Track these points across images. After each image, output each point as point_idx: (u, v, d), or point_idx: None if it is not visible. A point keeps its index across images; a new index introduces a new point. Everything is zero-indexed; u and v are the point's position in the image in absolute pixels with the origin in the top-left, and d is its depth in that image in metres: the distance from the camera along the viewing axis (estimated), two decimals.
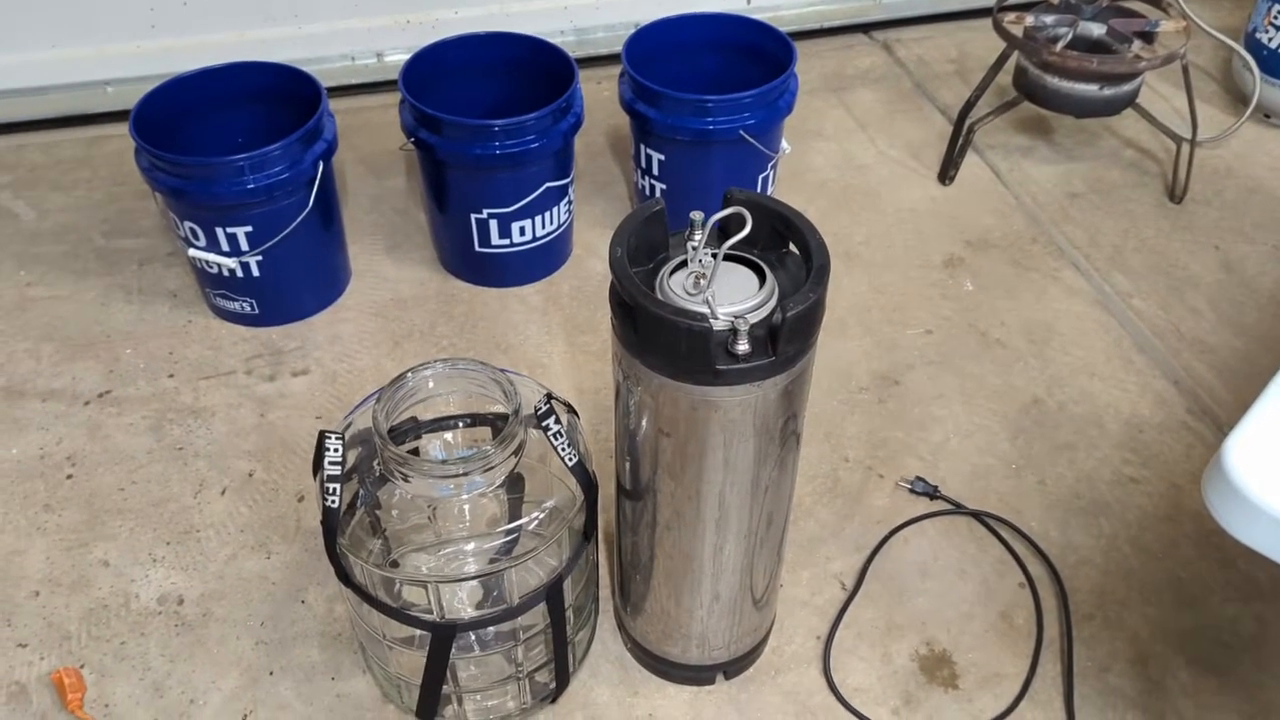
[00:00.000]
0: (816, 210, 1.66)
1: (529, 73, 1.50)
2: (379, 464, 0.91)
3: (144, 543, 1.17)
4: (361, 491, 0.93)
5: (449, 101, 1.39)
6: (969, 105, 1.68)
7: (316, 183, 1.34)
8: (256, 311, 1.42)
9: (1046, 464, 1.28)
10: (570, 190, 1.50)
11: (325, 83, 1.41)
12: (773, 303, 0.80)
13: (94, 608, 1.11)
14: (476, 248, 1.47)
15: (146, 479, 1.24)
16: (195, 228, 1.33)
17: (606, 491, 1.00)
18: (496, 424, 0.99)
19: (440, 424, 0.99)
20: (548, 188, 1.43)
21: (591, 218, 1.64)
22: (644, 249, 0.84)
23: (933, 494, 1.23)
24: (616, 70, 1.51)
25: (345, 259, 1.52)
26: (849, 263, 1.56)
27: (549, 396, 0.93)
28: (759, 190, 1.52)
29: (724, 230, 0.82)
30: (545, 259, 1.53)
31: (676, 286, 0.80)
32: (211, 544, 1.18)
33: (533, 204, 1.43)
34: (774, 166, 1.53)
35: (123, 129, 1.31)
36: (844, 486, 1.25)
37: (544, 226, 1.48)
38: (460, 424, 1.00)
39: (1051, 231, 1.63)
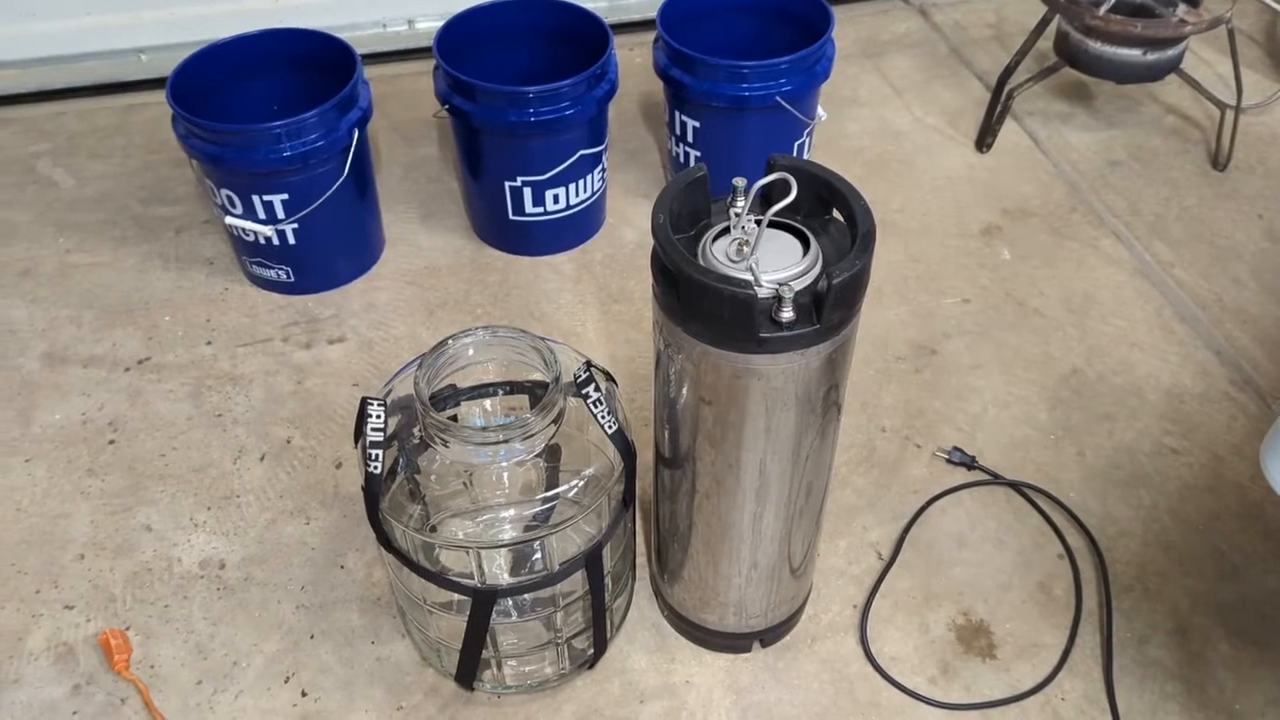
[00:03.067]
0: (852, 178, 1.60)
1: (563, 39, 1.49)
2: (419, 430, 0.91)
3: (185, 508, 1.19)
4: (401, 458, 0.94)
5: (483, 68, 1.38)
6: (1008, 71, 1.66)
7: (352, 150, 1.34)
8: (292, 279, 1.43)
9: (1086, 434, 1.27)
10: (604, 158, 1.49)
11: (357, 50, 1.40)
12: (817, 269, 0.79)
13: (138, 571, 1.13)
14: (510, 216, 1.47)
15: (187, 445, 1.25)
16: (232, 195, 1.33)
17: (643, 459, 1.00)
18: (535, 392, 0.99)
19: (479, 391, 0.99)
20: (581, 155, 1.43)
21: (624, 186, 1.63)
22: (686, 216, 0.83)
23: (970, 464, 1.23)
24: (649, 37, 1.49)
25: (380, 227, 1.52)
26: (885, 231, 1.54)
27: (588, 364, 0.92)
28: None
29: (767, 197, 0.81)
30: (578, 227, 1.53)
31: (719, 253, 0.79)
32: (251, 509, 1.19)
33: (566, 172, 1.43)
34: (810, 134, 1.51)
35: (157, 96, 1.31)
36: (880, 456, 1.25)
37: (577, 195, 1.47)
38: (499, 392, 1.00)
39: (1091, 200, 1.60)
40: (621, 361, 1.36)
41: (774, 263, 0.78)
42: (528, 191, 1.44)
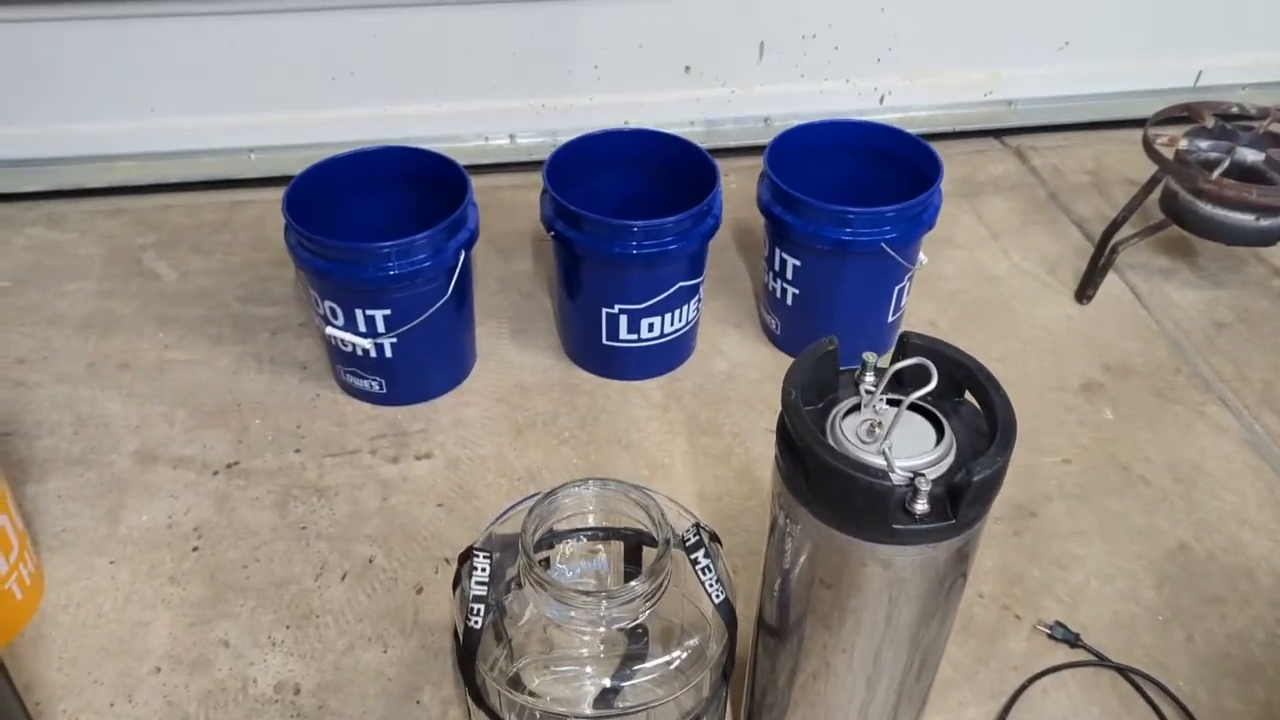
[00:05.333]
0: (947, 322, 1.62)
1: (670, 170, 1.50)
2: (514, 573, 0.89)
3: (264, 624, 1.17)
4: (492, 599, 0.91)
5: (586, 193, 1.39)
6: (1114, 226, 1.63)
7: (457, 271, 1.35)
8: (384, 391, 1.43)
9: (1195, 617, 1.21)
10: (700, 289, 1.48)
11: (460, 163, 1.42)
12: (951, 458, 0.76)
13: (213, 689, 1.11)
14: (604, 340, 1.46)
15: (269, 557, 1.24)
16: (335, 307, 1.35)
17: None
18: (632, 539, 0.97)
19: (575, 535, 0.97)
20: (680, 287, 1.42)
21: (715, 313, 1.62)
22: (813, 387, 0.81)
23: (1073, 642, 1.17)
24: (743, 163, 1.50)
25: (473, 342, 1.52)
26: None
27: (697, 526, 0.90)
28: (893, 303, 1.49)
29: (897, 372, 0.79)
30: (670, 355, 1.52)
31: (849, 433, 0.77)
32: (330, 631, 1.17)
33: (664, 302, 1.42)
34: (910, 278, 1.50)
35: (263, 194, 1.33)
36: (978, 625, 1.20)
37: (673, 324, 1.46)
38: (597, 536, 0.98)
39: (1196, 362, 1.56)
40: (709, 499, 1.33)
41: (907, 448, 0.75)
42: (624, 319, 1.43)
